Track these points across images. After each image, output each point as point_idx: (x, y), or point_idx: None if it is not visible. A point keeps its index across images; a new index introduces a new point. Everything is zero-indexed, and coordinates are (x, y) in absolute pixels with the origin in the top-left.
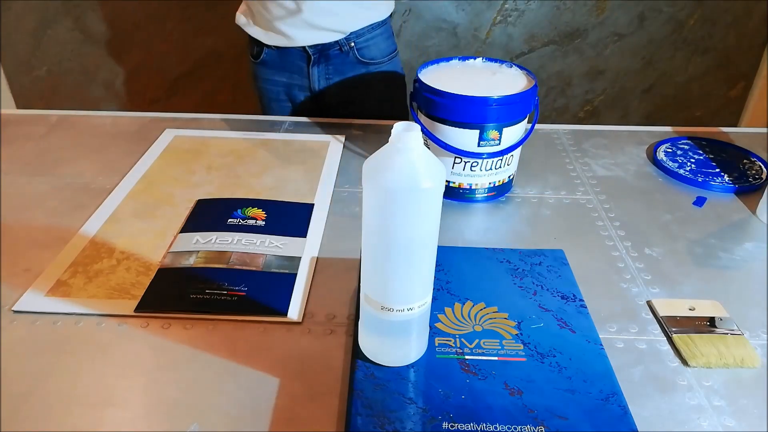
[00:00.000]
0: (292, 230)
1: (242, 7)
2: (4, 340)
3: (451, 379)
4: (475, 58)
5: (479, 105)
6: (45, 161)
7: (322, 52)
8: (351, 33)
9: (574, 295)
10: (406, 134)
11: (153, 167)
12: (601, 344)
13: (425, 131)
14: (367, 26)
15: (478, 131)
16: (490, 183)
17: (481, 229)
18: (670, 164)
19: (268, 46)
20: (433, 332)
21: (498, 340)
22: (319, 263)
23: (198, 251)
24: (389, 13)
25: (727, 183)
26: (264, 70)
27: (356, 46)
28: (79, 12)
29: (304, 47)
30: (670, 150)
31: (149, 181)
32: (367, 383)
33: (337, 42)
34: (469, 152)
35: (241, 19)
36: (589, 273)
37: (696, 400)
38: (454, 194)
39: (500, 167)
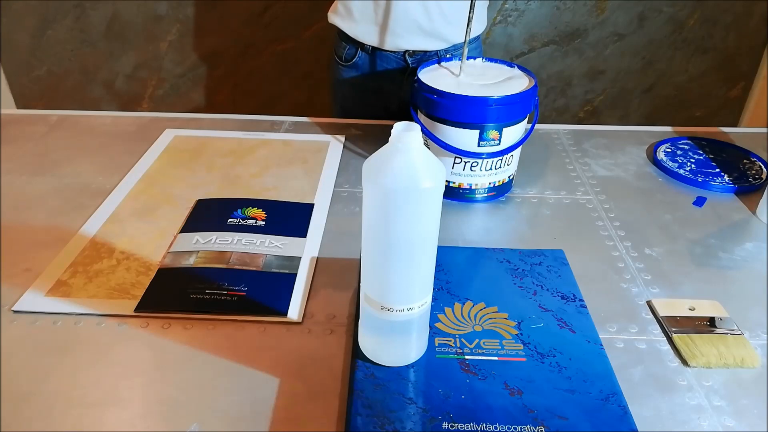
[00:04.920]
0: (292, 230)
1: (339, 7)
2: (4, 340)
3: (451, 379)
4: (475, 58)
5: (479, 105)
6: (45, 161)
7: (421, 60)
8: (454, 44)
9: (574, 295)
10: (406, 134)
11: (153, 167)
12: (601, 344)
13: (425, 131)
14: (472, 38)
15: (478, 131)
16: (490, 183)
17: (481, 229)
18: (670, 164)
19: (363, 49)
20: (433, 332)
21: (498, 340)
22: (319, 263)
23: (198, 251)
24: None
25: (727, 183)
26: (354, 73)
27: (452, 57)
28: (79, 12)
29: (404, 55)
30: (670, 150)
31: (149, 181)
32: (367, 383)
33: (436, 52)
34: (469, 152)
35: (336, 18)
36: (589, 273)
37: (696, 400)
38: (454, 194)
39: (500, 167)
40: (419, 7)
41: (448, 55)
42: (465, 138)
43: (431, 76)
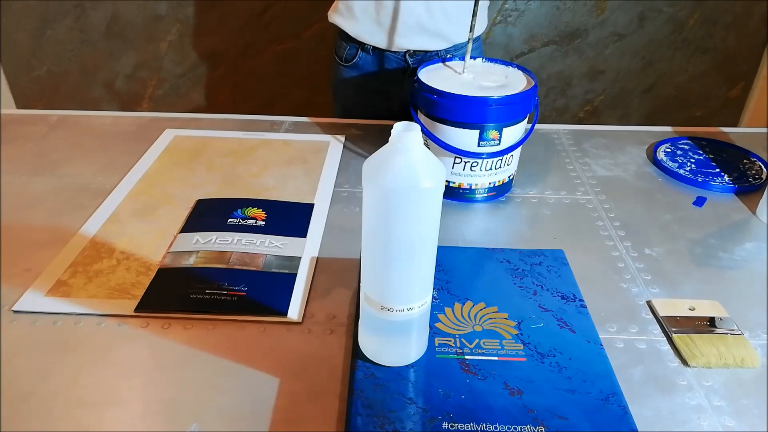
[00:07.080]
0: (292, 230)
1: (340, 6)
2: (4, 340)
3: (451, 379)
4: (475, 58)
5: (479, 105)
6: (45, 161)
7: (422, 60)
8: (455, 44)
9: (574, 295)
10: (406, 134)
11: (153, 167)
12: (601, 344)
13: (425, 131)
14: (473, 38)
15: (478, 131)
16: (490, 183)
17: (481, 229)
18: (670, 164)
19: (364, 49)
20: (433, 332)
21: (498, 340)
22: (319, 263)
23: (198, 251)
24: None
25: (727, 183)
26: (354, 74)
27: (453, 57)
28: (79, 12)
29: (405, 55)
30: (670, 150)
31: (149, 181)
32: (367, 383)
33: (437, 52)
34: (469, 152)
35: (336, 17)
36: (589, 273)
37: (696, 400)
38: (454, 194)
39: (500, 167)
40: (422, 6)
41: (449, 55)
42: (465, 138)
43: (431, 76)
